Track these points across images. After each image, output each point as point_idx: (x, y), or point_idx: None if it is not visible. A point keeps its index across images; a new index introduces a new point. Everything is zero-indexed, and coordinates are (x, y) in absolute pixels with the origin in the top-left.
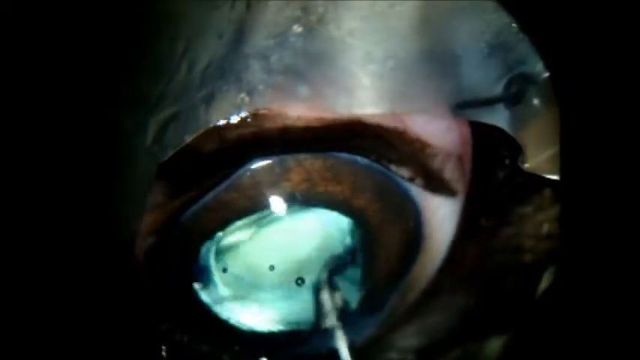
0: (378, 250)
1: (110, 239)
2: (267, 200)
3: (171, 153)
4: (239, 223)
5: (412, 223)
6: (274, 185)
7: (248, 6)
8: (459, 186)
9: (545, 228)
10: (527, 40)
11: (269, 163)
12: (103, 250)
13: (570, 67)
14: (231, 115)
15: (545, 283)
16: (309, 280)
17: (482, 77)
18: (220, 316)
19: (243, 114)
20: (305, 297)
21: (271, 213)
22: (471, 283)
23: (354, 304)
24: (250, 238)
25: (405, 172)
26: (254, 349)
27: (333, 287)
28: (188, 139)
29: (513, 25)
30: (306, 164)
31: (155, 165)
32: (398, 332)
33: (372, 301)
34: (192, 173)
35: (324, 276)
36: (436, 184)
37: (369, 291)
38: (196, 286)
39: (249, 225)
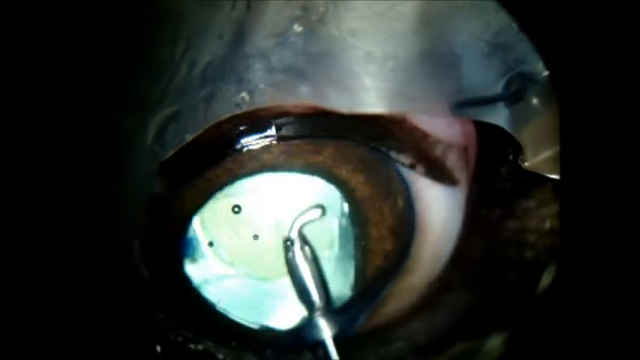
0: (369, 228)
1: (110, 236)
2: (247, 171)
3: (171, 152)
4: (220, 195)
5: (402, 202)
6: (255, 158)
7: (248, 6)
8: (462, 175)
9: (548, 223)
10: (527, 40)
11: (254, 138)
12: (104, 247)
13: (570, 66)
14: (232, 114)
15: (546, 280)
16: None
17: (483, 76)
18: (208, 298)
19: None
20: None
21: (252, 184)
22: (475, 279)
23: (347, 290)
24: (234, 211)
25: (405, 158)
26: (243, 342)
27: (303, 241)
28: (189, 138)
29: (513, 24)
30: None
31: (156, 164)
32: (403, 327)
33: (367, 286)
34: (192, 165)
35: (295, 229)
36: (438, 172)
37: (365, 275)
38: (186, 262)
39: (231, 198)
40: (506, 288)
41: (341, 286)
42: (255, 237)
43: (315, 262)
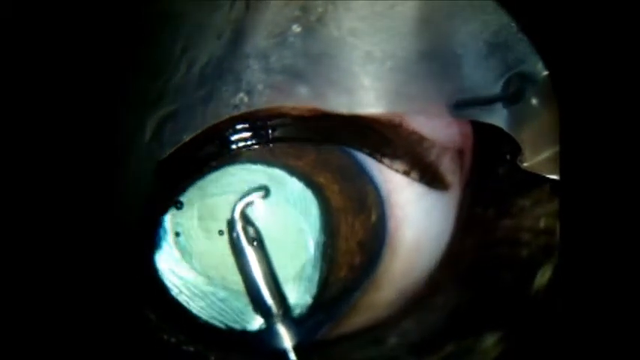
0: (338, 240)
1: (106, 235)
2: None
3: (169, 151)
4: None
5: (375, 218)
6: (235, 157)
7: (247, 6)
8: (455, 179)
9: (543, 222)
10: (526, 40)
11: (249, 139)
12: (100, 245)
13: (569, 66)
14: (230, 115)
15: (539, 279)
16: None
17: (482, 77)
18: (171, 289)
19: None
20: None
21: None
22: (468, 278)
23: (308, 301)
24: (203, 204)
25: (399, 165)
26: (211, 341)
27: (247, 221)
28: (187, 137)
29: (512, 24)
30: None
31: (153, 163)
32: (395, 326)
33: (330, 296)
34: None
35: (238, 209)
36: (431, 177)
37: (327, 284)
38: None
39: (202, 191)
40: (500, 287)
41: (302, 292)
42: (221, 232)
43: (264, 251)
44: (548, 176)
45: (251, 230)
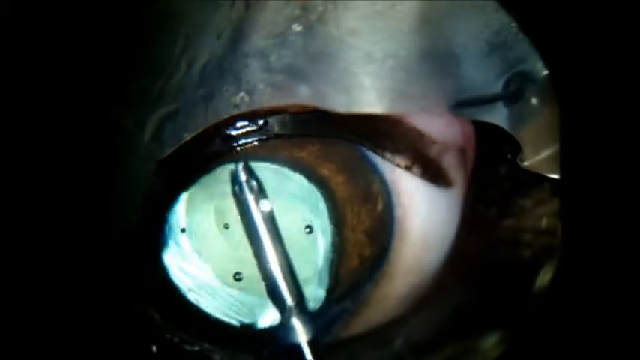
0: (346, 230)
1: (107, 234)
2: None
3: (169, 151)
4: (197, 186)
5: (381, 207)
6: (238, 154)
7: (247, 5)
8: (458, 176)
9: (544, 222)
10: (527, 39)
11: (250, 136)
12: (101, 245)
13: (570, 66)
14: (231, 114)
15: (541, 279)
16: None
17: (482, 76)
18: (180, 286)
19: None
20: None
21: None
22: (471, 277)
23: (322, 294)
24: (208, 200)
25: (401, 160)
26: (220, 338)
27: (250, 174)
28: (187, 137)
29: (513, 24)
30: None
31: (153, 163)
32: (401, 326)
33: (343, 288)
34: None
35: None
36: (434, 173)
37: (339, 276)
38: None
39: (206, 188)
40: (502, 287)
41: (315, 286)
42: (226, 226)
43: (278, 237)
44: (548, 175)
45: (253, 183)
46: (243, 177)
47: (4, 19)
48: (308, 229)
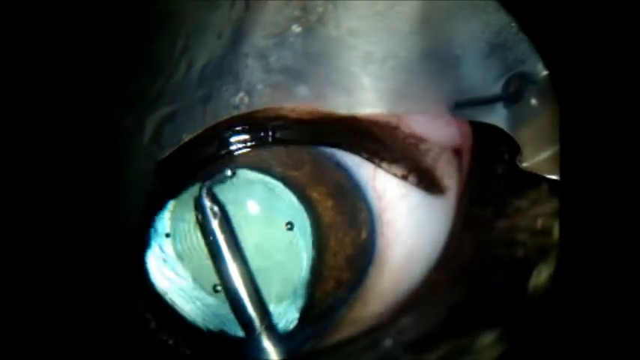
0: (327, 255)
1: (106, 236)
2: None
3: (168, 151)
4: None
5: (365, 235)
6: (234, 161)
7: (247, 6)
8: (451, 181)
9: (540, 223)
10: (527, 40)
11: (248, 141)
12: (99, 246)
13: (569, 66)
14: (230, 115)
15: (535, 279)
16: None
17: (482, 77)
18: (159, 288)
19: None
20: None
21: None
22: (465, 277)
23: (295, 315)
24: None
25: (397, 169)
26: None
27: (213, 199)
28: (186, 138)
29: (513, 24)
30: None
31: (152, 163)
32: (392, 325)
33: (316, 311)
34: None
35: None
36: (429, 182)
37: (315, 301)
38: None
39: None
40: (497, 286)
41: (289, 306)
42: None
43: (244, 259)
44: (547, 176)
45: (216, 208)
46: (207, 203)
47: (4, 19)
48: (294, 249)
